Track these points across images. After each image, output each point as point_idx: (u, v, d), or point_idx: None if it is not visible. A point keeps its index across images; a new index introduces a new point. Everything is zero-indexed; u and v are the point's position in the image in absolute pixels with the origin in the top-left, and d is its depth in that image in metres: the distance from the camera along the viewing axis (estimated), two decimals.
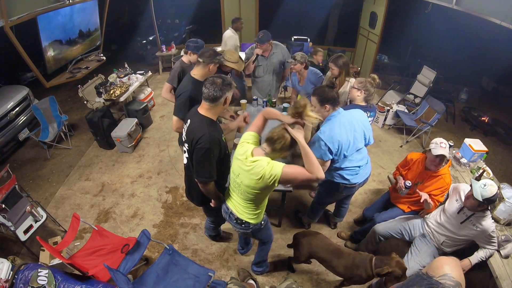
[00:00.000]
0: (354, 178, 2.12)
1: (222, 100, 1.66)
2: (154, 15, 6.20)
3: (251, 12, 6.14)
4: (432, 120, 4.02)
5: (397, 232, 2.25)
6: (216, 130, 1.71)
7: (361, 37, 6.19)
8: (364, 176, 2.19)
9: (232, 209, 1.79)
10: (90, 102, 4.13)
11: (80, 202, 3.21)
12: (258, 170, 1.51)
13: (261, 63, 3.23)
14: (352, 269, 1.90)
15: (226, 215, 1.88)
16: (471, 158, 2.77)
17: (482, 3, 3.14)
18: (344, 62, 2.62)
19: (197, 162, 1.70)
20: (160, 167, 3.70)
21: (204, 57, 2.14)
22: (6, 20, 3.18)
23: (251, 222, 1.77)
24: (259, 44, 3.02)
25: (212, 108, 1.69)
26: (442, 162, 2.10)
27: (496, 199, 1.75)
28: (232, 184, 1.75)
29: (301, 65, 2.91)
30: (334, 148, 1.92)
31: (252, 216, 1.75)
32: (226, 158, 1.91)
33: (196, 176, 1.75)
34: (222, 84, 1.63)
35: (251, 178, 1.55)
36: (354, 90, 2.35)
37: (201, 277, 2.04)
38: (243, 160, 1.59)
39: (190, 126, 1.74)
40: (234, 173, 1.68)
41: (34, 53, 3.78)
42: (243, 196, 1.68)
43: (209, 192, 1.84)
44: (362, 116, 2.10)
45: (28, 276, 1.63)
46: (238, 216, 1.76)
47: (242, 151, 1.62)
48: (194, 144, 1.66)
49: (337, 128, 1.92)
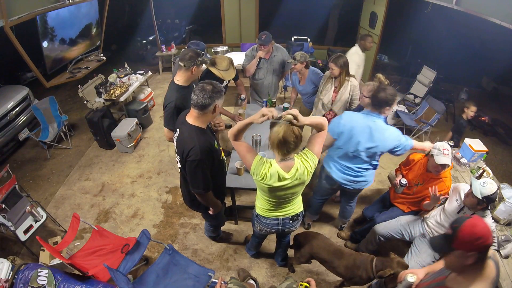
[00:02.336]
0: (335, 172, 2.21)
1: (211, 108, 1.59)
2: (154, 15, 6.19)
3: (251, 12, 6.14)
4: (432, 120, 4.02)
5: (397, 232, 2.25)
6: (205, 139, 1.65)
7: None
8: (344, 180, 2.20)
9: (283, 216, 1.77)
10: (90, 102, 4.13)
11: (80, 202, 3.21)
12: (304, 176, 1.53)
13: (262, 65, 3.20)
14: (353, 269, 1.89)
15: (278, 227, 1.82)
16: (471, 158, 2.77)
17: (482, 3, 3.13)
18: (344, 62, 2.62)
19: (191, 175, 1.67)
20: (160, 167, 3.70)
21: (184, 60, 2.03)
22: (6, 20, 3.17)
23: (302, 210, 1.84)
24: (262, 46, 2.97)
25: (200, 116, 1.63)
26: (444, 168, 2.08)
27: (496, 198, 1.74)
28: (277, 203, 1.69)
29: (302, 65, 2.89)
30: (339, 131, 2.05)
31: (300, 204, 1.82)
32: (221, 163, 1.89)
33: (192, 188, 1.73)
34: (211, 92, 1.56)
35: (300, 185, 1.58)
36: (365, 99, 2.25)
37: (201, 277, 2.04)
38: (283, 183, 1.51)
39: (180, 136, 1.69)
40: (280, 196, 1.61)
41: (34, 53, 3.78)
42: (292, 200, 1.71)
43: (207, 201, 1.83)
44: (391, 141, 1.98)
45: (28, 276, 1.64)
46: (293, 214, 1.78)
47: (274, 179, 1.49)
48: (185, 156, 1.62)
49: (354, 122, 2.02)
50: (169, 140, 2.20)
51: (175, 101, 2.04)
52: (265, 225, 1.84)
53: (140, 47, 7.29)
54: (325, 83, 2.85)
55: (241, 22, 6.25)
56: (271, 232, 1.93)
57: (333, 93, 2.81)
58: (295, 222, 1.84)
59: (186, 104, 2.08)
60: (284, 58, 3.22)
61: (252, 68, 3.17)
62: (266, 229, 1.87)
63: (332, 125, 2.06)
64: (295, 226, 1.87)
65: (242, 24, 6.28)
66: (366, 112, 2.05)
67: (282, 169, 1.49)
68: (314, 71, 3.02)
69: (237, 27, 6.32)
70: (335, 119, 2.13)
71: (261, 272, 2.50)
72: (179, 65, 2.07)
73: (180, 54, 2.10)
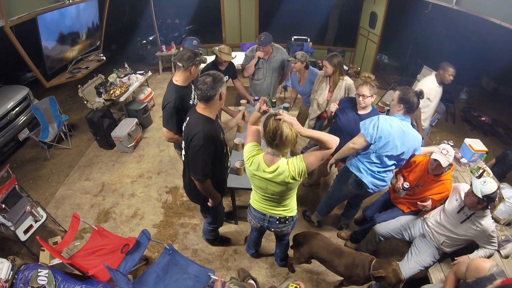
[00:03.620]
0: (365, 176, 2.12)
1: (217, 97, 1.66)
2: (154, 15, 6.19)
3: (251, 12, 6.14)
4: (432, 120, 4.01)
5: (397, 232, 2.25)
6: (212, 128, 1.69)
7: (361, 37, 6.19)
8: (372, 184, 2.15)
9: (270, 213, 1.79)
10: (90, 102, 4.13)
11: (80, 202, 3.21)
12: (283, 176, 1.50)
13: (261, 66, 3.21)
14: (352, 268, 1.90)
15: (264, 222, 1.85)
16: (471, 158, 2.77)
17: (482, 3, 3.13)
18: (338, 61, 2.63)
19: (191, 159, 1.71)
20: (160, 167, 3.70)
21: (183, 60, 2.02)
22: (6, 20, 3.17)
23: (293, 215, 1.82)
24: (262, 47, 3.01)
25: (208, 107, 1.69)
26: (440, 168, 2.05)
27: (496, 197, 1.74)
28: (263, 196, 1.73)
29: (302, 64, 2.90)
30: (377, 136, 1.96)
31: (292, 208, 1.80)
32: (224, 156, 1.90)
33: (191, 173, 1.76)
34: (213, 82, 1.62)
35: (281, 185, 1.56)
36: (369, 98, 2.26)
37: (201, 277, 2.04)
38: (262, 174, 1.56)
39: (187, 123, 1.76)
40: (261, 187, 1.66)
41: (34, 53, 3.78)
42: (279, 200, 1.70)
43: (205, 190, 1.83)
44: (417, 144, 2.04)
45: (28, 276, 1.63)
46: (281, 216, 1.78)
47: (254, 167, 1.58)
48: (189, 141, 1.67)
49: (389, 126, 1.96)
50: (168, 140, 2.21)
51: (174, 101, 2.04)
52: (253, 217, 1.89)
53: (140, 47, 7.28)
54: (319, 82, 2.84)
55: (241, 22, 6.26)
56: (258, 227, 1.94)
57: (328, 93, 2.81)
58: (282, 225, 1.83)
59: (185, 104, 2.09)
60: (284, 59, 3.22)
61: (251, 68, 3.18)
62: (254, 221, 1.91)
63: (367, 129, 2.00)
64: (281, 228, 1.86)
65: (242, 24, 6.29)
66: (399, 116, 2.01)
67: (265, 161, 1.55)
68: (313, 71, 3.02)
69: (237, 27, 6.33)
70: (370, 123, 2.01)
71: (261, 272, 2.50)
72: (178, 66, 2.06)
73: (178, 54, 2.10)
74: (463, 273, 1.58)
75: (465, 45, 5.37)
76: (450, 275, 1.72)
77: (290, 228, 1.89)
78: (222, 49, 2.86)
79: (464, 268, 1.59)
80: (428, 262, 2.06)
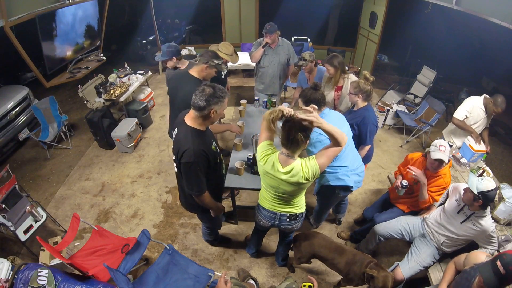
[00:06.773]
0: (349, 180, 2.09)
1: (206, 112, 1.55)
2: (154, 15, 6.19)
3: (251, 12, 6.14)
4: (432, 120, 4.02)
5: (397, 232, 2.25)
6: (201, 142, 1.62)
7: (361, 37, 6.19)
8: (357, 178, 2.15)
9: (281, 211, 1.79)
10: (90, 102, 4.13)
11: (80, 202, 3.21)
12: (298, 177, 1.51)
13: (267, 52, 3.28)
14: (351, 264, 1.91)
15: (274, 221, 1.85)
16: (471, 158, 2.77)
17: (482, 3, 3.14)
18: (339, 61, 2.69)
19: (185, 176, 1.68)
20: (160, 167, 3.70)
21: (202, 56, 2.23)
22: (6, 20, 3.18)
23: (302, 211, 1.83)
24: (267, 35, 3.08)
25: (198, 118, 1.60)
26: (441, 165, 2.08)
27: (493, 197, 1.74)
28: (274, 195, 1.72)
29: (312, 63, 2.99)
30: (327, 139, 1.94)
31: (301, 205, 1.81)
32: (218, 166, 1.87)
33: (187, 189, 1.74)
34: (209, 95, 1.52)
35: (294, 185, 1.57)
36: (352, 96, 2.33)
37: (201, 277, 2.04)
38: (276, 174, 1.55)
39: (176, 136, 1.69)
40: (273, 186, 1.65)
41: (34, 53, 3.78)
42: (289, 199, 1.71)
43: (204, 203, 1.82)
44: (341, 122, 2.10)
45: (28, 276, 1.63)
46: (291, 213, 1.80)
47: (269, 166, 1.56)
48: (179, 157, 1.61)
49: (326, 114, 2.04)
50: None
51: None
52: (263, 217, 1.88)
53: (140, 47, 7.28)
54: (325, 82, 2.89)
55: (241, 22, 6.26)
56: (268, 225, 1.94)
57: (335, 93, 2.85)
58: (292, 222, 1.84)
59: None
60: (289, 49, 3.30)
61: (258, 54, 3.24)
62: (264, 221, 1.90)
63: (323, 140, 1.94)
64: (292, 225, 1.87)
65: (242, 24, 6.29)
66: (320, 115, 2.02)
67: (280, 162, 1.54)
68: (321, 69, 3.06)
69: (237, 27, 6.33)
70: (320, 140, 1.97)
71: (261, 272, 2.50)
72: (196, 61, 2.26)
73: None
74: (462, 263, 1.68)
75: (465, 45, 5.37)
76: (451, 264, 1.78)
77: (299, 224, 1.90)
78: (224, 49, 2.83)
79: (463, 259, 1.68)
80: (428, 262, 2.06)
